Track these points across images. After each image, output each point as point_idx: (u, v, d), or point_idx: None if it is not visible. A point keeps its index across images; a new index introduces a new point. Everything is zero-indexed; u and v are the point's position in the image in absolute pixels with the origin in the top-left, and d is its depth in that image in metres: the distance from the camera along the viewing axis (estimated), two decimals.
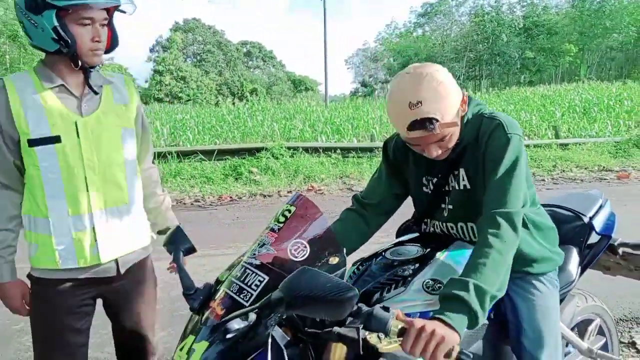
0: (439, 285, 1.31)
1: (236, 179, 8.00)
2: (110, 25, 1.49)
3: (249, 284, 1.13)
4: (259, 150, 8.90)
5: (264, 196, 7.23)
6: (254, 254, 1.19)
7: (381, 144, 8.14)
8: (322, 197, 7.06)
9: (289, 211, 1.25)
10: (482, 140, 1.35)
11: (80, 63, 1.43)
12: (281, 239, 1.20)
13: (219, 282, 1.28)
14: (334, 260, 1.18)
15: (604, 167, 8.45)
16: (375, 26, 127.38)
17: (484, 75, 41.54)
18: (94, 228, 1.49)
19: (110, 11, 1.46)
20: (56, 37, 1.36)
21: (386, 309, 1.03)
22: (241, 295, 1.11)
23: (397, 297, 1.29)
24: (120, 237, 1.56)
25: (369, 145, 9.80)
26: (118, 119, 1.54)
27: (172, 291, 3.72)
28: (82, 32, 1.39)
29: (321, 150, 9.32)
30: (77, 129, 1.45)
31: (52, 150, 1.42)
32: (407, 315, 1.12)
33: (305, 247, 1.18)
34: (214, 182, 7.83)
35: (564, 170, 8.34)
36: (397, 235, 1.78)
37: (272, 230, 1.23)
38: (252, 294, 1.10)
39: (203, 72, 35.81)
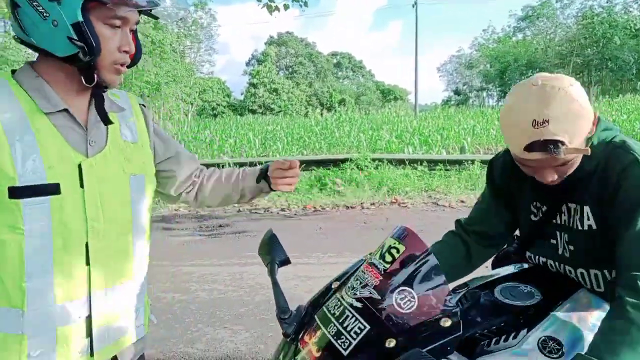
0: (556, 346, 1.14)
1: (320, 189, 8.17)
2: (135, 32, 1.07)
3: (348, 329, 1.05)
4: (343, 161, 9.00)
5: (347, 207, 7.28)
6: (355, 294, 1.09)
7: (472, 157, 7.72)
8: (405, 211, 6.95)
9: (397, 250, 1.11)
10: (612, 176, 1.13)
11: (95, 79, 1.00)
12: (387, 282, 1.08)
13: (313, 305, 1.22)
14: (446, 322, 1.02)
15: None
16: (471, 32, 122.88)
17: (593, 81, 38.05)
18: (90, 317, 1.04)
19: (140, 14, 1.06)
20: (76, 38, 0.93)
21: None
22: (339, 341, 1.04)
23: (507, 352, 1.14)
24: (120, 328, 1.13)
25: (458, 157, 9.44)
26: (127, 162, 1.12)
27: (256, 295, 3.93)
28: (109, 35, 0.98)
29: (407, 162, 9.17)
30: (80, 174, 1.01)
31: (46, 206, 0.96)
32: None
33: (413, 297, 1.05)
34: (300, 192, 8.06)
35: None
36: (494, 266, 1.57)
37: (377, 268, 1.11)
38: (350, 342, 1.03)
39: (294, 83, 37.19)
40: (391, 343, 1.00)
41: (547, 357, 1.11)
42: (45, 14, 0.93)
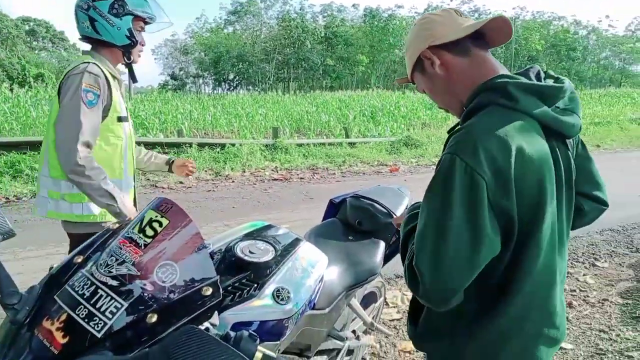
0: (287, 294, 1.29)
1: (14, 177, 6.95)
2: None
3: (102, 309, 0.95)
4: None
5: None
6: (111, 272, 1.00)
7: (190, 140, 8.16)
8: None
9: (160, 223, 1.06)
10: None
11: (131, 58, 2.03)
12: (147, 257, 1.02)
13: (50, 284, 1.06)
14: (207, 291, 1.02)
15: (381, 162, 9.97)
16: (185, 18, 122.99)
17: (292, 77, 44.14)
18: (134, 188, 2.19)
19: None
20: (129, 35, 1.95)
21: (253, 337, 0.90)
22: (92, 323, 0.94)
23: (248, 303, 1.23)
24: None
25: (176, 140, 9.57)
26: None
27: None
28: (140, 36, 2.03)
29: None
30: (128, 112, 2.06)
31: (126, 125, 2.03)
32: (250, 323, 1.18)
33: (175, 270, 1.01)
34: None
35: (351, 165, 9.55)
36: None
37: (136, 243, 1.04)
38: (105, 323, 0.94)
39: None
40: (153, 318, 0.96)
41: (279, 304, 1.26)
42: (112, 24, 1.91)
